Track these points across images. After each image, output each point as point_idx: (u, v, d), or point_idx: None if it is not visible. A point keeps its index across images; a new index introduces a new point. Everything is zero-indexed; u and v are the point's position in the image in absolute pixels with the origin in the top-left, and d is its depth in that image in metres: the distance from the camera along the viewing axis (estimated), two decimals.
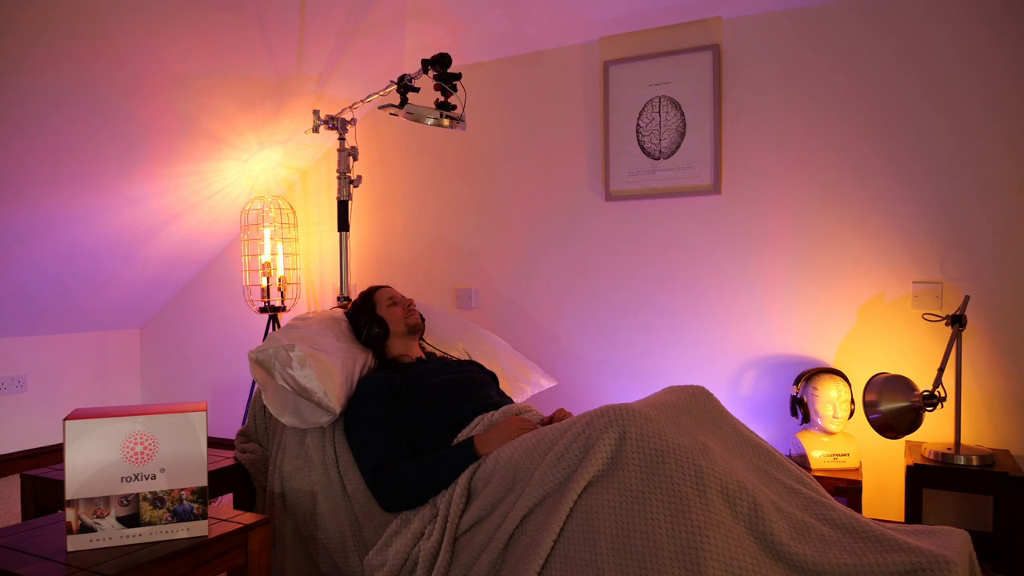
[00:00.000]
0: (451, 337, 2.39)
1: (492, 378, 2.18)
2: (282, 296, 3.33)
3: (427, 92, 2.63)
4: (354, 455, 1.84)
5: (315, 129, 2.66)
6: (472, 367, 2.12)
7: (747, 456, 1.52)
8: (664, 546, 1.25)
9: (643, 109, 2.82)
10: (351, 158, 2.69)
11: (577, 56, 2.98)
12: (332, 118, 2.66)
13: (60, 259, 3.18)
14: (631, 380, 2.90)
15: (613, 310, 2.94)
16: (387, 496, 1.72)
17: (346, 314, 2.23)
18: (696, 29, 2.74)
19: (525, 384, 2.41)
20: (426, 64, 2.37)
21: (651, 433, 1.38)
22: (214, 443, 3.77)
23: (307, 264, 3.63)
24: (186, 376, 4.00)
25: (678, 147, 2.77)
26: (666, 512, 1.29)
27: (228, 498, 2.56)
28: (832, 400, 2.33)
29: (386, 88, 2.53)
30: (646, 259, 2.87)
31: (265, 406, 2.01)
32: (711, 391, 1.80)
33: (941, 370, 2.13)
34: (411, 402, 1.88)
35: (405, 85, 2.47)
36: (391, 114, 2.45)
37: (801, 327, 2.61)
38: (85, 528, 1.33)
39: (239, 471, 1.98)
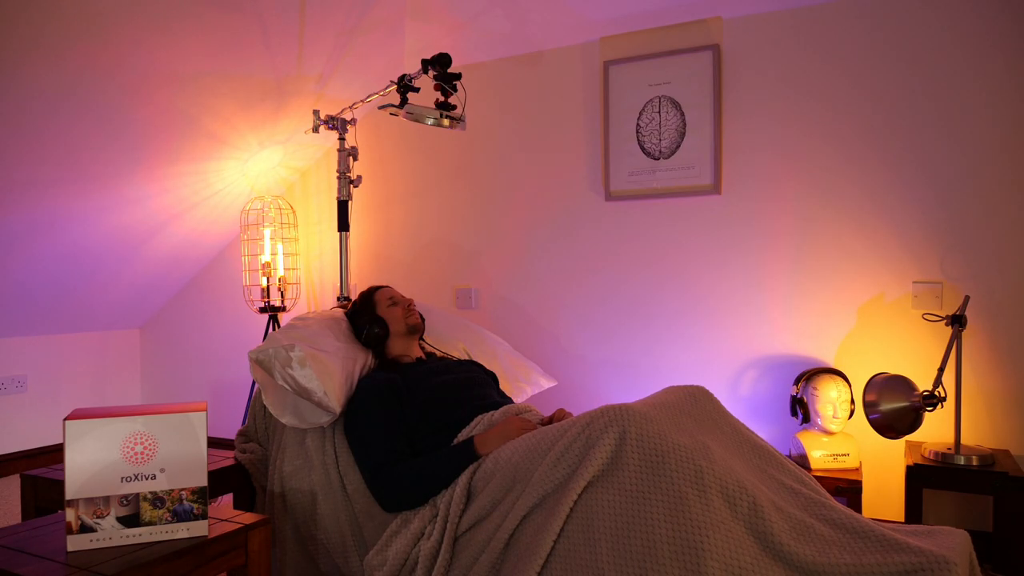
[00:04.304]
0: (451, 337, 2.39)
1: (492, 378, 2.18)
2: (282, 296, 3.33)
3: (427, 92, 2.63)
4: (354, 455, 1.84)
5: (315, 129, 2.66)
6: (472, 367, 2.12)
7: (747, 456, 1.52)
8: (664, 546, 1.25)
9: (643, 109, 2.82)
10: (351, 158, 2.69)
11: (577, 56, 2.98)
12: (332, 118, 2.66)
13: (60, 259, 3.18)
14: (631, 380, 2.90)
15: (613, 310, 2.93)
16: (387, 496, 1.72)
17: (346, 314, 2.23)
18: (696, 29, 2.74)
19: (525, 384, 2.41)
20: (426, 64, 2.37)
21: (651, 433, 1.38)
22: (214, 443, 3.77)
23: (307, 264, 3.63)
24: (186, 376, 4.00)
25: (678, 147, 2.77)
26: (666, 512, 1.28)
27: (228, 498, 2.56)
28: (832, 400, 2.33)
29: (386, 88, 2.53)
30: (646, 259, 2.87)
31: (265, 406, 2.01)
32: (711, 391, 1.80)
33: (941, 370, 2.13)
34: (411, 402, 1.88)
35: (405, 85, 2.47)
36: (391, 114, 2.45)
37: (801, 327, 2.61)
38: (85, 528, 1.33)
39: (239, 471, 1.98)
